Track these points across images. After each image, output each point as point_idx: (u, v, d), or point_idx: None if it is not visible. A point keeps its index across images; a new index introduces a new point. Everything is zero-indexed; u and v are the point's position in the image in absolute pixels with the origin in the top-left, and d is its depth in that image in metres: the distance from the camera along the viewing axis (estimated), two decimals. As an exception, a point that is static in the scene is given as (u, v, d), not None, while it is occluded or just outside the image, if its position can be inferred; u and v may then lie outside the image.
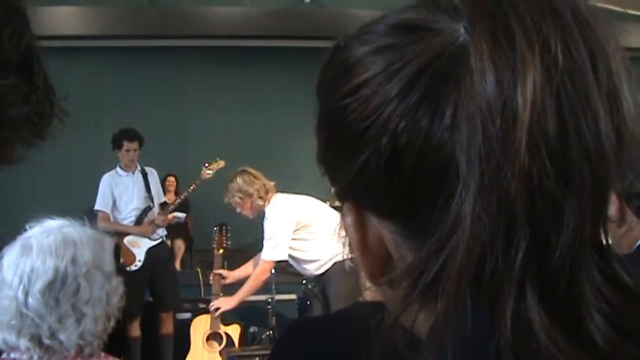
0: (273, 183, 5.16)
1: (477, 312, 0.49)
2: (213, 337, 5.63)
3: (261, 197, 5.09)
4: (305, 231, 5.02)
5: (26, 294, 1.63)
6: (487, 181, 0.47)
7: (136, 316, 6.14)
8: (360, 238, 0.60)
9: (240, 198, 5.10)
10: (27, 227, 1.75)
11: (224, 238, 5.78)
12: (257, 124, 9.19)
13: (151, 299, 6.40)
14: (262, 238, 5.16)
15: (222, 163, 6.78)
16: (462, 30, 0.51)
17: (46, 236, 1.69)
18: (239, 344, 5.66)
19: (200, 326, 5.69)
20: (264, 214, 5.13)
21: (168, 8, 8.59)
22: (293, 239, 5.04)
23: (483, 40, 0.49)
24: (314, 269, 5.12)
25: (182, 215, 7.59)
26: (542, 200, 0.48)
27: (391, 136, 0.52)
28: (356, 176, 0.56)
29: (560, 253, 0.48)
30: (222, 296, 5.44)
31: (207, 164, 6.69)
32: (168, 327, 6.36)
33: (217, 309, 5.44)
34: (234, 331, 5.68)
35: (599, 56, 0.50)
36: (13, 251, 1.69)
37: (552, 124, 0.48)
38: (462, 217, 0.48)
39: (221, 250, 5.69)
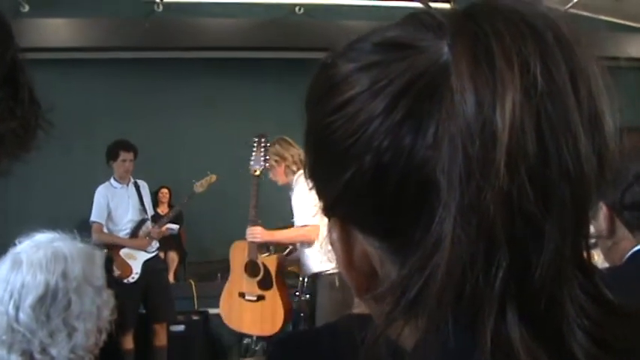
0: None
1: (459, 331, 0.50)
2: (251, 266, 5.38)
3: (295, 163, 5.15)
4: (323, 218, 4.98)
5: (17, 309, 1.62)
6: (467, 202, 0.48)
7: (130, 328, 6.10)
8: (346, 254, 0.61)
9: (276, 161, 5.22)
10: (17, 242, 1.74)
11: (262, 154, 5.36)
12: (250, 135, 9.18)
13: (143, 311, 6.37)
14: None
15: (213, 178, 6.79)
16: (446, 48, 0.52)
17: (36, 251, 1.69)
18: (276, 277, 5.35)
19: (239, 252, 5.43)
20: (291, 184, 5.17)
21: (160, 20, 8.59)
22: None
23: (464, 61, 0.49)
24: (314, 263, 5.09)
25: (175, 227, 7.58)
26: (521, 221, 0.48)
27: (375, 154, 0.53)
28: (341, 192, 0.56)
29: (541, 272, 0.49)
30: (260, 224, 5.26)
31: (200, 180, 6.71)
32: (161, 339, 6.34)
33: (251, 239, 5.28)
34: (271, 262, 5.39)
35: (580, 78, 0.50)
36: (3, 266, 1.68)
37: (532, 145, 0.48)
38: (443, 237, 0.49)
39: (257, 172, 5.32)
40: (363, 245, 0.59)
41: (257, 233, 5.22)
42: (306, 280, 5.38)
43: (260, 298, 5.34)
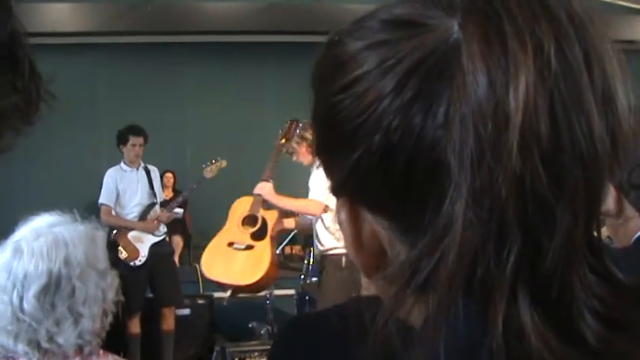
0: None
1: (469, 314, 0.49)
2: (249, 219, 5.34)
3: None
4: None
5: (21, 299, 1.61)
6: (479, 185, 0.47)
7: (136, 312, 6.13)
8: (354, 233, 0.60)
9: (297, 143, 5.26)
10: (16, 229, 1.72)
11: (292, 131, 5.38)
12: (254, 119, 9.18)
13: (151, 296, 6.39)
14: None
15: (224, 163, 6.80)
16: (456, 27, 0.51)
17: (36, 238, 1.66)
18: (272, 231, 5.30)
19: (240, 207, 5.43)
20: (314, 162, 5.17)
21: (164, 4, 8.57)
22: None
23: (475, 41, 0.48)
24: (325, 241, 5.10)
25: (180, 210, 7.61)
26: (534, 204, 0.47)
27: (384, 134, 0.52)
28: (349, 172, 0.55)
29: (552, 256, 0.48)
30: (270, 182, 5.26)
31: (210, 163, 6.72)
32: (169, 323, 6.36)
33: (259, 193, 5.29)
34: (271, 216, 5.36)
35: (593, 57, 0.50)
36: (3, 255, 1.66)
37: (545, 126, 0.47)
38: (454, 219, 0.48)
39: (283, 140, 5.37)
40: (372, 225, 0.58)
41: (265, 187, 5.22)
42: (311, 262, 5.36)
43: (249, 247, 5.28)
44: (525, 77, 0.47)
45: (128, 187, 6.32)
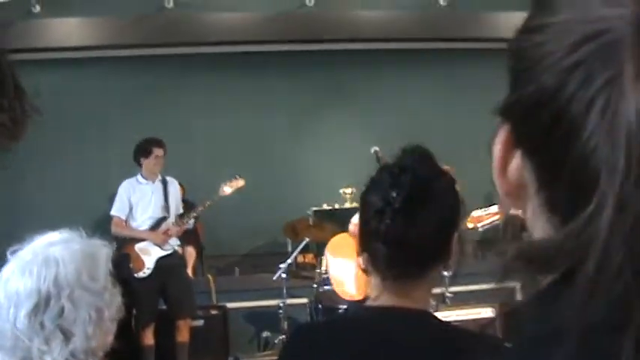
0: None
1: (605, 329, 0.49)
2: None
3: None
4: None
5: (15, 317, 1.61)
6: (625, 198, 0.47)
7: (148, 324, 6.16)
8: (503, 159, 0.61)
9: None
10: (18, 247, 1.71)
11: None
12: (263, 129, 9.18)
13: (164, 307, 6.39)
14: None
15: (241, 182, 6.77)
16: (630, 37, 0.51)
17: (29, 257, 1.65)
18: None
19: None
20: None
21: (173, 16, 8.60)
22: None
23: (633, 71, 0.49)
24: None
25: (191, 221, 7.61)
26: None
27: (537, 89, 0.54)
28: (513, 104, 0.58)
29: None
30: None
31: (227, 182, 6.71)
32: (184, 334, 6.35)
33: None
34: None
35: None
36: (4, 272, 1.66)
37: None
38: (600, 228, 0.48)
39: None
40: (519, 159, 0.60)
41: None
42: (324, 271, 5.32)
43: None
44: None
45: (141, 199, 6.34)
